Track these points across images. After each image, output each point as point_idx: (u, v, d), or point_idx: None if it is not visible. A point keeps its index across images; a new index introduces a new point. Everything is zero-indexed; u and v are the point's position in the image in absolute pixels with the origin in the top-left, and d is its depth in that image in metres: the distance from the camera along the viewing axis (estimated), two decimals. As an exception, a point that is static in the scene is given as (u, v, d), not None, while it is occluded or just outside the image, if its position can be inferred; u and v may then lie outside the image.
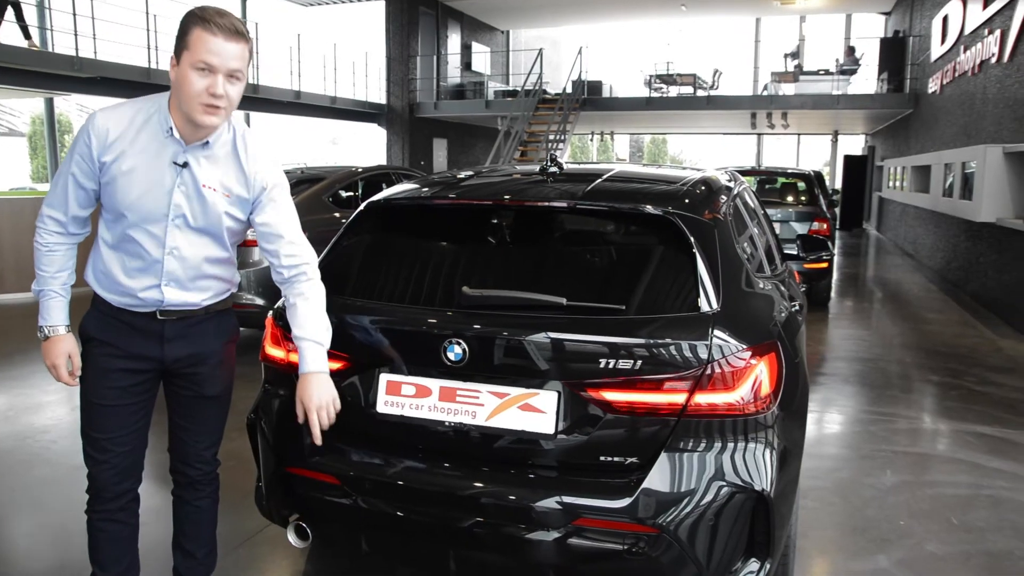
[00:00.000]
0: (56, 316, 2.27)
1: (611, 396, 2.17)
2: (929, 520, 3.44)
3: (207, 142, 2.18)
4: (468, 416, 2.29)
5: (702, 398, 2.14)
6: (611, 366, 2.16)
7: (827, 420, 5.01)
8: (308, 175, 7.44)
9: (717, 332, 2.17)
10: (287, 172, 7.50)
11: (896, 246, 16.69)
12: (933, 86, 13.92)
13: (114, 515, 2.39)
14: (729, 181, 3.42)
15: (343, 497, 2.38)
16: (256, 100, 16.63)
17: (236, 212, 2.27)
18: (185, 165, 2.17)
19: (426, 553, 2.41)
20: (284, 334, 2.59)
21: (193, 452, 2.46)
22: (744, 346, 2.18)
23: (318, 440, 2.29)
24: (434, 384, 2.34)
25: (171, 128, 2.14)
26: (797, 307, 3.02)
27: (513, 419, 2.25)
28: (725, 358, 2.15)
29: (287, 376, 2.59)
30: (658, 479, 2.12)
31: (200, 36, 2.02)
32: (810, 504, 3.58)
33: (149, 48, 13.61)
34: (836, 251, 14.85)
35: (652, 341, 2.16)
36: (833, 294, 10.10)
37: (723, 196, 2.96)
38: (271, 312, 2.67)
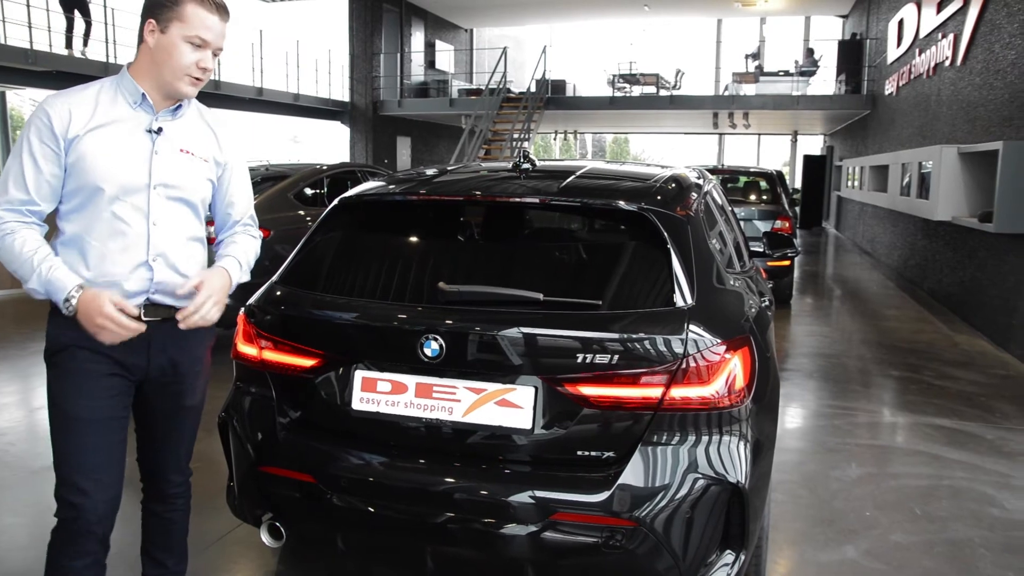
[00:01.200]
0: (68, 279, 1.99)
1: (588, 391, 2.18)
2: (894, 511, 3.52)
3: (178, 106, 2.16)
4: (445, 412, 2.28)
5: (677, 392, 2.16)
6: (588, 361, 2.17)
7: (792, 415, 5.09)
8: (272, 172, 7.36)
9: (692, 326, 2.19)
10: (251, 170, 7.42)
11: (855, 244, 17.03)
12: (890, 88, 14.22)
13: (86, 570, 2.14)
14: (699, 178, 3.46)
15: (318, 496, 2.35)
16: (218, 96, 16.37)
17: (212, 177, 2.25)
18: (160, 131, 2.11)
19: (403, 551, 2.40)
20: (256, 331, 2.56)
21: (170, 466, 2.35)
22: (718, 340, 2.20)
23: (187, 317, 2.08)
24: (410, 380, 2.33)
25: (143, 95, 2.09)
26: (767, 302, 3.07)
27: (490, 415, 2.25)
28: (700, 352, 2.17)
29: (259, 374, 2.56)
30: (634, 473, 2.13)
31: (196, 11, 2.05)
32: (779, 497, 3.63)
33: (107, 42, 13.32)
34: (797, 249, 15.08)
35: (628, 336, 2.18)
36: (795, 291, 10.26)
37: (694, 193, 2.99)
38: (242, 309, 2.63)
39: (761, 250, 4.58)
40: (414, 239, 2.75)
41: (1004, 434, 4.61)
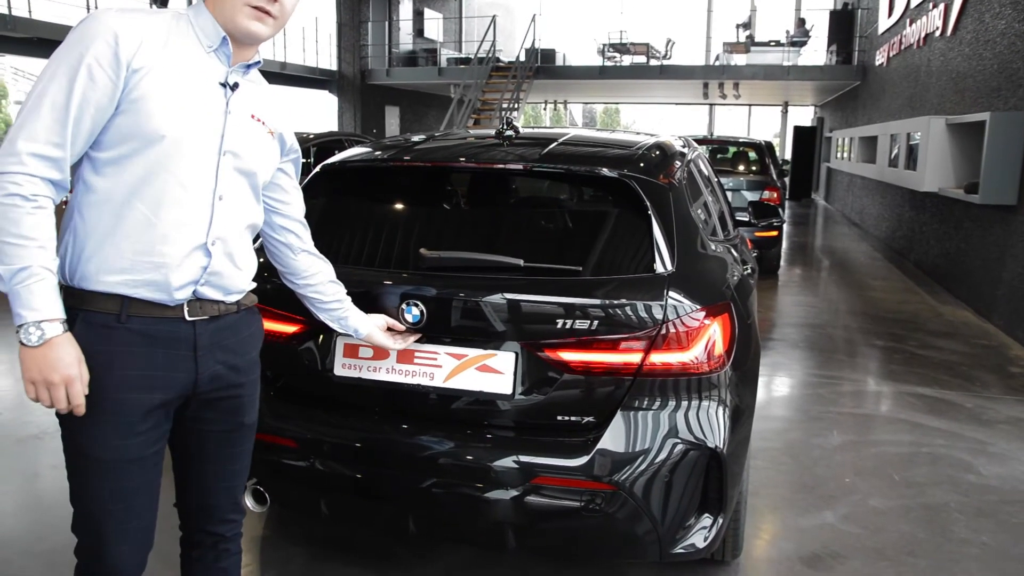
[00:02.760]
0: (53, 304, 1.48)
1: (568, 356, 2.19)
2: (873, 477, 3.57)
3: (250, 65, 1.73)
4: (426, 378, 2.30)
5: (657, 357, 2.18)
6: (568, 326, 2.19)
7: (777, 383, 5.14)
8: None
9: (671, 293, 2.20)
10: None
11: (843, 216, 17.07)
12: (880, 58, 14.17)
13: None
14: (683, 147, 3.45)
15: (300, 460, 2.37)
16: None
17: (277, 157, 1.84)
18: (236, 87, 1.69)
19: (385, 515, 2.42)
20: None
21: (226, 502, 1.87)
22: (698, 306, 2.22)
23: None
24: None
25: (224, 38, 1.64)
26: (749, 270, 3.09)
27: (471, 380, 2.26)
28: (680, 318, 2.19)
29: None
30: (614, 438, 2.15)
31: None
32: (761, 464, 3.68)
33: (89, 7, 13.12)
34: (786, 221, 15.13)
35: (608, 302, 2.19)
36: (783, 262, 10.30)
37: (677, 161, 2.99)
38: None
39: (747, 219, 4.59)
40: (396, 206, 2.75)
41: (983, 403, 4.67)
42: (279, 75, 18.61)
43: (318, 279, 2.04)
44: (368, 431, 2.34)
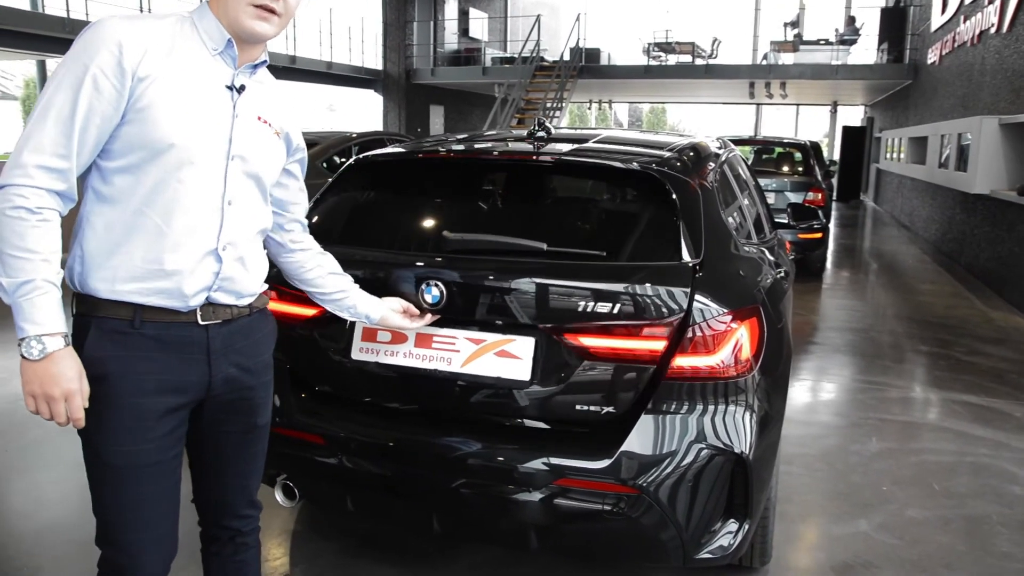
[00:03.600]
0: (55, 318, 1.49)
1: (588, 342, 2.17)
2: (911, 486, 3.49)
3: (256, 65, 1.72)
4: (443, 363, 2.29)
5: (683, 361, 2.16)
6: (589, 311, 2.15)
7: (816, 388, 5.05)
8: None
9: (698, 296, 2.18)
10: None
11: (893, 218, 16.69)
12: (932, 56, 13.81)
13: None
14: (718, 148, 3.41)
15: (328, 457, 2.40)
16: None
17: (283, 158, 1.83)
18: (242, 89, 1.68)
19: (410, 512, 2.44)
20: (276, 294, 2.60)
21: (241, 500, 1.91)
22: (725, 310, 2.19)
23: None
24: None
25: (229, 40, 1.64)
26: (783, 274, 3.04)
27: (489, 366, 2.24)
28: (706, 321, 2.16)
29: (273, 338, 2.60)
30: (638, 440, 2.14)
31: None
32: (795, 470, 3.62)
33: (141, 9, 13.44)
34: (832, 222, 14.85)
35: (631, 288, 2.16)
36: (828, 265, 10.12)
37: (711, 162, 2.96)
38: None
39: (785, 221, 4.52)
40: (424, 197, 2.78)
41: (1032, 412, 4.53)
42: (325, 75, 18.86)
43: (315, 273, 2.05)
44: (395, 430, 2.35)
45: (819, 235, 8.45)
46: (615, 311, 2.14)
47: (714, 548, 2.23)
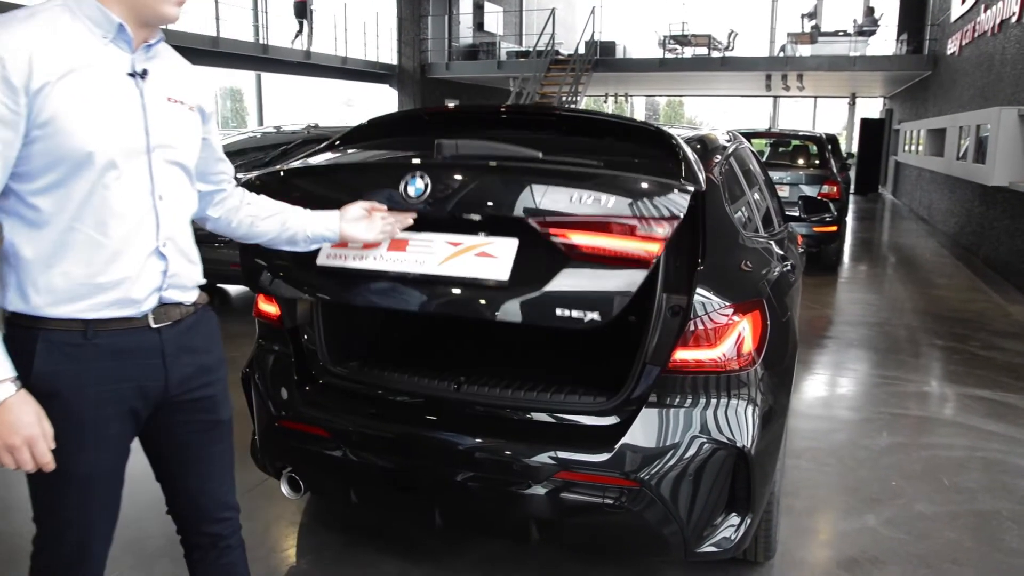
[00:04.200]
0: (2, 364, 1.45)
1: (573, 239, 2.02)
2: (921, 481, 3.46)
3: (151, 45, 1.60)
4: (416, 264, 2.15)
5: (684, 354, 2.16)
6: (575, 210, 2.01)
7: (828, 382, 5.02)
8: (315, 135, 7.42)
9: (700, 289, 2.17)
10: (293, 133, 7.50)
11: (911, 211, 16.52)
12: (952, 47, 13.65)
13: None
14: (727, 140, 3.40)
15: (332, 450, 2.42)
16: (265, 61, 16.57)
17: (200, 132, 1.74)
18: (144, 74, 1.58)
19: (413, 506, 2.46)
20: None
21: (217, 502, 1.82)
22: (727, 303, 2.18)
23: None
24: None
25: (120, 25, 1.52)
26: (789, 267, 3.02)
27: (466, 266, 2.11)
28: (708, 314, 2.16)
29: (279, 331, 2.63)
30: (639, 434, 2.14)
31: None
32: (804, 464, 3.60)
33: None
34: (850, 216, 14.73)
35: (620, 188, 2.03)
36: (845, 258, 10.04)
37: (717, 155, 2.95)
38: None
39: (796, 214, 4.49)
40: (426, 139, 2.66)
41: (1047, 406, 4.48)
42: (340, 70, 18.91)
43: (247, 224, 1.93)
44: (399, 424, 2.37)
45: (834, 228, 8.38)
46: (604, 206, 1.99)
47: (716, 542, 2.23)
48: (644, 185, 2.03)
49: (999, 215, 9.13)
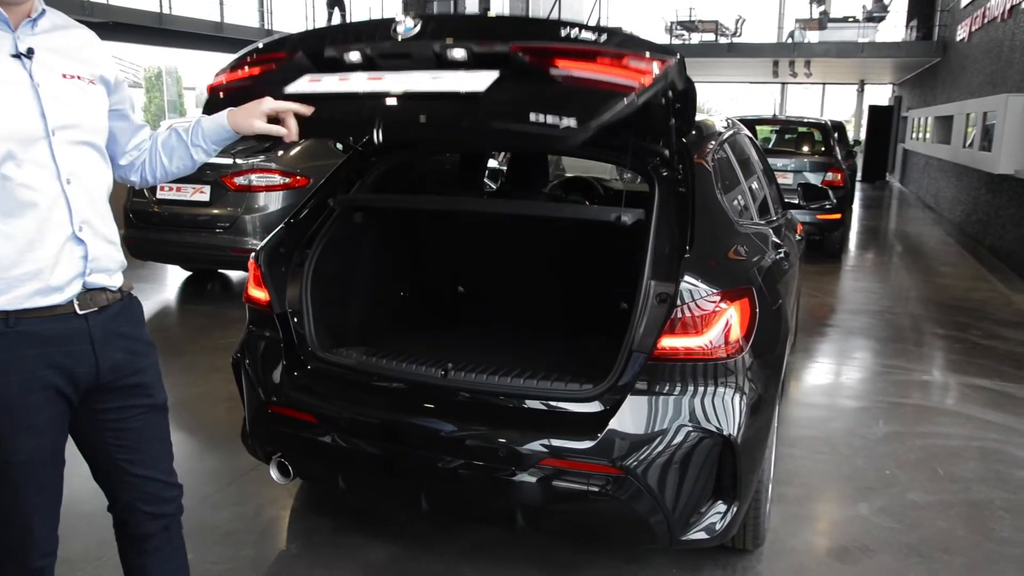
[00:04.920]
0: None
1: (555, 64, 1.92)
2: (915, 470, 3.45)
3: (35, 20, 1.56)
4: (391, 85, 2.04)
5: (670, 341, 2.14)
6: (557, 42, 1.95)
7: (827, 370, 5.00)
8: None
9: (687, 276, 2.16)
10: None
11: (918, 199, 16.41)
12: (962, 33, 13.52)
13: None
14: (723, 127, 3.37)
15: (319, 435, 2.42)
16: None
17: (107, 103, 1.68)
18: (30, 53, 1.52)
19: (399, 491, 2.46)
20: (271, 272, 2.62)
21: (162, 483, 1.81)
22: (714, 290, 2.17)
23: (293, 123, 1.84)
24: (363, 74, 2.10)
25: None
26: (783, 254, 3.00)
27: (443, 83, 2.00)
28: (695, 301, 2.15)
29: (268, 317, 2.63)
30: (624, 421, 2.13)
31: None
32: (798, 452, 3.59)
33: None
34: (856, 203, 14.65)
35: (609, 36, 1.96)
36: (852, 246, 9.99)
37: (712, 141, 2.93)
38: (253, 254, 2.69)
39: (796, 202, 4.47)
40: None
41: (1046, 396, 4.45)
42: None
43: (163, 165, 1.84)
44: (384, 411, 2.37)
45: (838, 216, 8.32)
46: (588, 44, 1.92)
47: (702, 530, 2.23)
48: (631, 40, 1.96)
49: (1005, 203, 9.06)
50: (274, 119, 1.84)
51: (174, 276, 7.24)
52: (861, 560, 2.72)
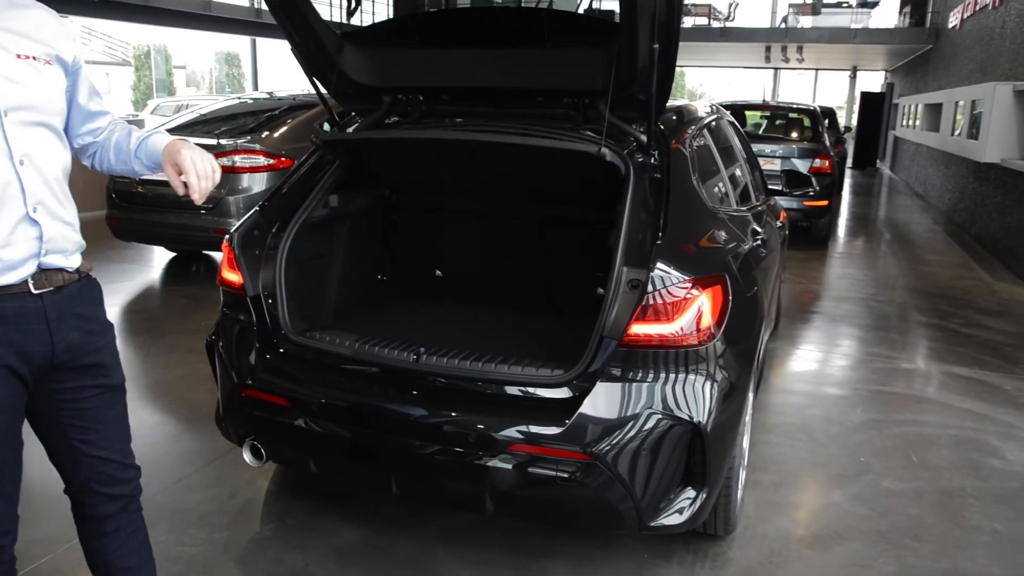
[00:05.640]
0: None
1: None
2: (890, 458, 3.47)
3: None
4: None
5: (640, 328, 2.14)
6: None
7: (807, 357, 5.02)
8: (301, 101, 7.34)
9: (659, 263, 2.15)
10: (279, 100, 7.42)
11: (907, 186, 16.44)
12: (954, 20, 13.50)
13: None
14: (704, 112, 3.36)
15: (291, 419, 2.42)
16: (260, 26, 16.37)
17: (63, 85, 1.67)
18: None
19: (370, 475, 2.46)
20: (244, 255, 2.61)
21: (119, 464, 1.81)
22: (686, 277, 2.16)
23: (196, 195, 1.72)
24: None
25: None
26: (760, 242, 3.00)
27: None
28: (666, 288, 2.14)
29: (241, 300, 2.61)
30: (593, 408, 2.13)
31: None
32: (774, 439, 3.61)
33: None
34: (845, 190, 14.66)
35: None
36: (840, 233, 10.01)
37: (691, 127, 2.92)
38: (227, 236, 2.67)
39: (779, 188, 4.47)
40: None
41: (1022, 385, 4.48)
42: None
43: (106, 151, 1.84)
44: (358, 395, 2.37)
45: (825, 203, 8.34)
46: None
47: (670, 516, 2.24)
48: None
49: (991, 192, 9.08)
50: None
51: (159, 257, 7.20)
52: (832, 547, 2.74)
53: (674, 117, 2.89)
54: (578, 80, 2.50)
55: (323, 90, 2.82)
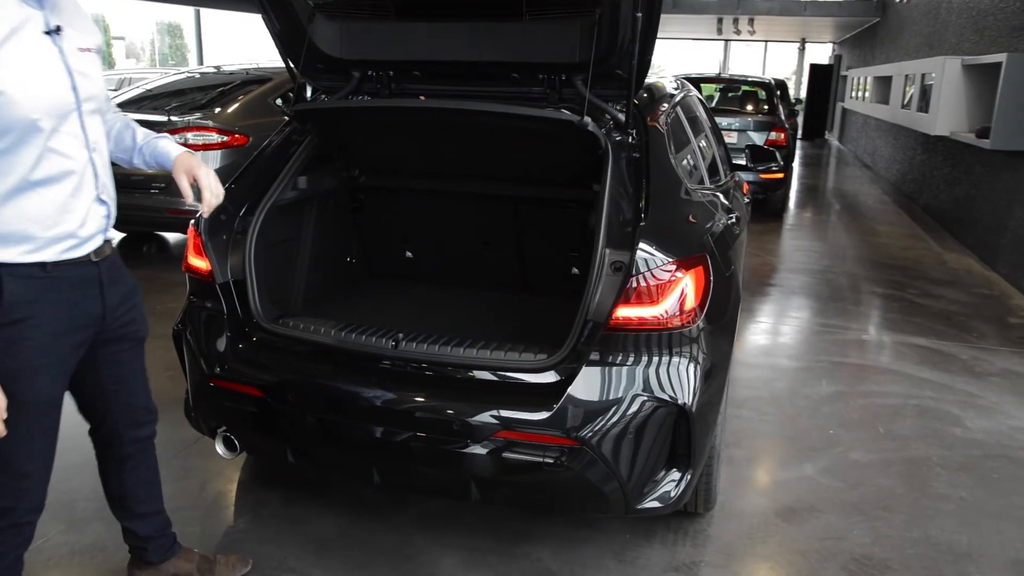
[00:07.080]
0: None
1: None
2: (857, 429, 3.54)
3: None
4: None
5: (625, 311, 2.12)
6: None
7: (770, 330, 5.09)
8: (253, 76, 7.12)
9: (642, 244, 2.13)
10: (231, 74, 7.20)
11: (856, 157, 16.75)
12: (901, -6, 13.69)
13: (15, 563, 1.90)
14: (674, 88, 3.34)
15: (266, 409, 2.35)
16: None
17: (102, 71, 1.84)
18: (59, 30, 1.66)
19: (350, 465, 2.41)
20: (212, 240, 2.51)
21: (143, 408, 2.11)
22: (669, 259, 2.15)
23: (207, 210, 1.99)
24: None
25: None
26: (734, 219, 3.00)
27: None
28: (650, 271, 2.12)
29: (210, 287, 2.52)
30: (578, 392, 2.11)
31: None
32: (744, 414, 3.65)
33: None
34: (796, 162, 14.86)
35: None
36: (791, 205, 10.15)
37: (664, 103, 2.89)
38: (192, 221, 2.57)
39: (744, 163, 4.49)
40: None
41: (978, 354, 4.61)
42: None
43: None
44: (334, 379, 2.31)
45: (780, 175, 8.44)
46: None
47: (657, 498, 2.24)
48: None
49: (939, 164, 9.29)
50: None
51: (107, 238, 6.97)
52: (808, 520, 2.79)
53: (646, 94, 2.86)
54: (557, 52, 2.45)
55: (291, 64, 2.72)
